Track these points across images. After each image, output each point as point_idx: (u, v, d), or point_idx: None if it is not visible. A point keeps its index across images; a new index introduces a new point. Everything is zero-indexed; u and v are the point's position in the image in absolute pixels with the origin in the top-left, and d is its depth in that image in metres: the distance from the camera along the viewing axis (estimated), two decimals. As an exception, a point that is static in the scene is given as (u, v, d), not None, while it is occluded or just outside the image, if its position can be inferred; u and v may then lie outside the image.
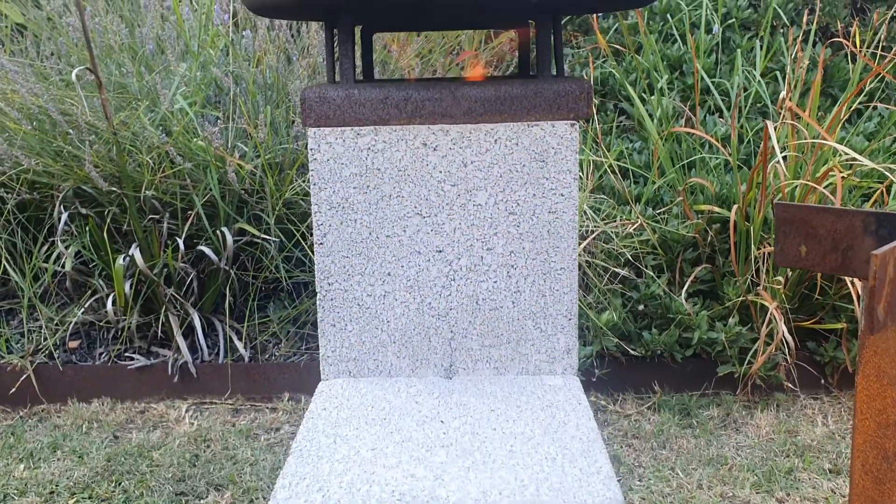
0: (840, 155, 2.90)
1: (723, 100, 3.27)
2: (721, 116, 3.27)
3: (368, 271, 1.38)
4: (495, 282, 1.38)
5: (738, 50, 3.27)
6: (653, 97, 3.21)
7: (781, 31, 3.42)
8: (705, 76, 3.25)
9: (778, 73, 3.28)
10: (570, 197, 1.36)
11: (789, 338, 2.51)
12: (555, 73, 1.44)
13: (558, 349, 1.39)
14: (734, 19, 3.44)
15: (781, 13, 3.40)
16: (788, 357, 2.59)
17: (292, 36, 3.13)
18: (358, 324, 1.39)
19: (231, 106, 2.84)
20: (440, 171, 1.36)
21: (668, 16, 3.46)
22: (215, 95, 2.95)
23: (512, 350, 1.38)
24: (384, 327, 1.39)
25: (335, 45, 1.36)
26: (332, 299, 1.39)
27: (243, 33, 2.98)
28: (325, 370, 1.40)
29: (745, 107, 3.22)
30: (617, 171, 3.03)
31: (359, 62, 2.72)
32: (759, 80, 3.16)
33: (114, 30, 2.94)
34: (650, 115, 3.16)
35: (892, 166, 2.88)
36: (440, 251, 1.37)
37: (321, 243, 1.38)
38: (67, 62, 2.96)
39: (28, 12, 3.17)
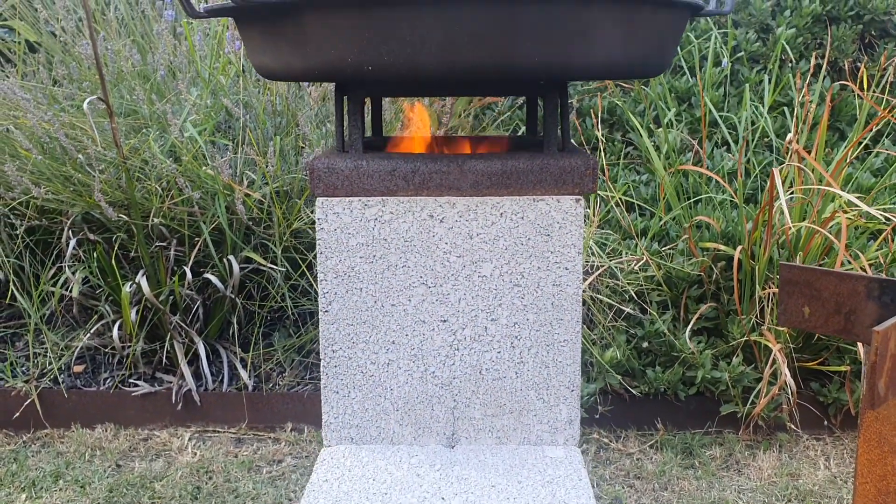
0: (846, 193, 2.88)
1: (730, 133, 3.24)
2: (729, 150, 3.24)
3: (373, 339, 1.36)
4: (499, 352, 1.36)
5: (747, 84, 3.24)
6: (660, 129, 3.19)
7: (790, 65, 3.39)
8: (713, 109, 3.23)
9: (786, 108, 3.25)
10: (574, 271, 1.34)
11: (791, 381, 2.48)
12: (562, 144, 1.42)
13: (560, 420, 1.37)
14: (743, 52, 3.41)
15: (788, 49, 3.37)
16: (791, 398, 2.56)
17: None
18: (361, 391, 1.37)
19: (240, 133, 2.82)
20: (446, 243, 1.34)
21: (678, 48, 3.43)
22: (225, 121, 2.93)
23: (514, 420, 1.36)
24: (387, 395, 1.37)
25: (345, 113, 1.34)
26: (336, 366, 1.37)
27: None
28: (328, 436, 1.38)
29: (753, 141, 3.19)
30: (623, 205, 3.01)
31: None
32: (765, 117, 3.13)
33: (126, 55, 2.92)
34: (657, 148, 3.13)
35: (894, 207, 2.85)
36: (445, 321, 1.35)
37: (326, 311, 1.35)
38: (79, 87, 2.94)
39: (42, 30, 3.15)
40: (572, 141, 1.42)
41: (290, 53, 1.25)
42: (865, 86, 3.12)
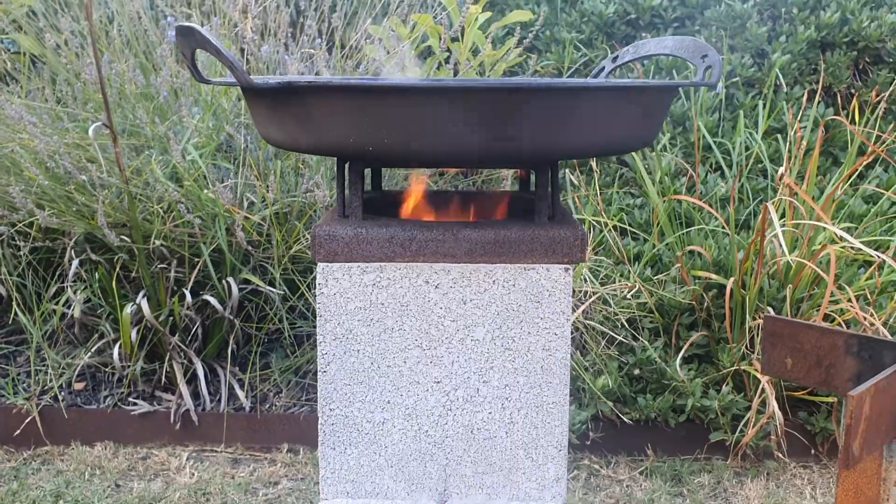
0: (837, 225, 2.92)
1: (724, 158, 3.29)
2: (723, 175, 3.28)
3: (369, 399, 1.41)
4: (490, 413, 1.41)
5: (741, 110, 3.28)
6: (653, 153, 3.23)
7: (785, 90, 3.44)
8: (707, 134, 3.27)
9: (780, 134, 3.29)
10: (563, 336, 1.38)
11: (779, 412, 2.53)
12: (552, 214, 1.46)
13: (548, 478, 1.42)
14: (738, 77, 3.45)
15: (781, 77, 3.41)
16: (779, 427, 2.61)
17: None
18: (357, 448, 1.42)
19: (241, 154, 2.86)
20: (441, 308, 1.38)
21: (674, 71, 3.47)
22: (227, 142, 2.97)
23: (504, 477, 1.41)
24: (382, 452, 1.42)
25: (346, 180, 1.39)
26: (333, 424, 1.42)
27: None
28: (325, 490, 1.43)
29: (747, 167, 3.23)
30: (616, 230, 3.05)
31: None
32: (759, 144, 3.17)
33: (130, 77, 2.96)
34: (650, 172, 3.18)
35: (883, 238, 2.90)
36: (438, 382, 1.40)
37: (325, 371, 1.40)
38: (83, 107, 2.98)
39: (45, 45, 3.18)
40: (564, 200, 1.47)
41: (294, 131, 1.29)
42: (857, 117, 3.16)
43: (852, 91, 3.55)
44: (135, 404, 2.78)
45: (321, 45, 3.11)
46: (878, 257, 2.53)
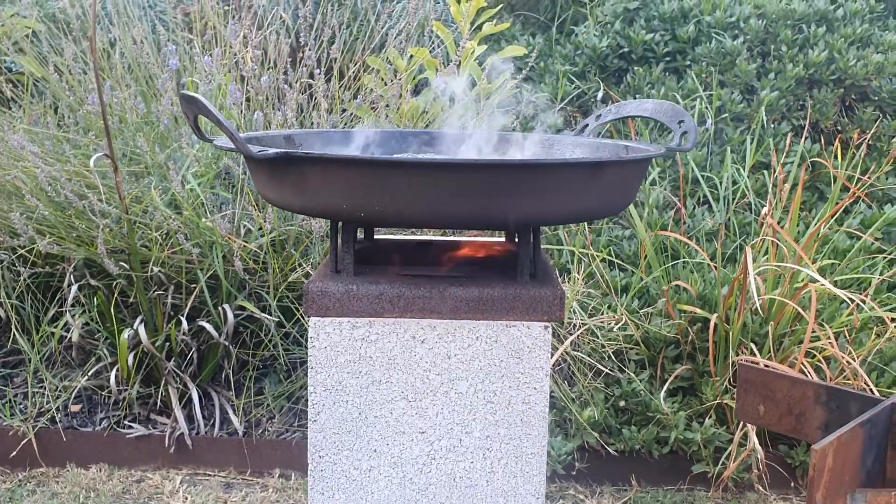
0: (821, 261, 2.99)
1: (712, 192, 3.36)
2: (710, 209, 3.36)
3: (357, 447, 1.47)
4: (472, 462, 1.48)
5: (728, 147, 3.36)
6: (642, 186, 3.30)
7: (773, 125, 3.51)
8: (695, 168, 3.34)
9: (766, 171, 3.37)
10: (542, 391, 1.46)
11: (759, 448, 2.60)
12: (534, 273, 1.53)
13: (527, 524, 1.49)
14: (728, 112, 3.53)
15: (764, 116, 3.49)
16: (760, 460, 2.68)
17: (300, 112, 3.22)
18: (345, 493, 1.48)
19: (239, 183, 2.92)
20: (426, 362, 1.45)
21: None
22: (225, 170, 3.04)
23: (485, 524, 1.48)
24: (369, 498, 1.49)
25: (339, 239, 1.46)
26: (322, 471, 1.49)
27: (254, 116, 3.06)
28: (313, 534, 1.50)
29: (734, 201, 3.31)
30: (605, 261, 3.12)
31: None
32: (745, 180, 3.24)
33: (131, 105, 3.02)
34: (639, 205, 3.25)
35: (865, 275, 2.97)
36: (423, 432, 1.47)
37: (315, 420, 1.47)
38: (85, 134, 3.04)
39: (48, 67, 3.24)
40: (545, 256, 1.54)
41: (291, 195, 1.37)
42: (840, 156, 3.24)
43: (839, 128, 3.63)
44: (130, 427, 2.84)
45: (320, 74, 3.17)
46: (854, 300, 2.60)
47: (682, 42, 3.70)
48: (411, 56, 3.28)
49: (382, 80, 3.28)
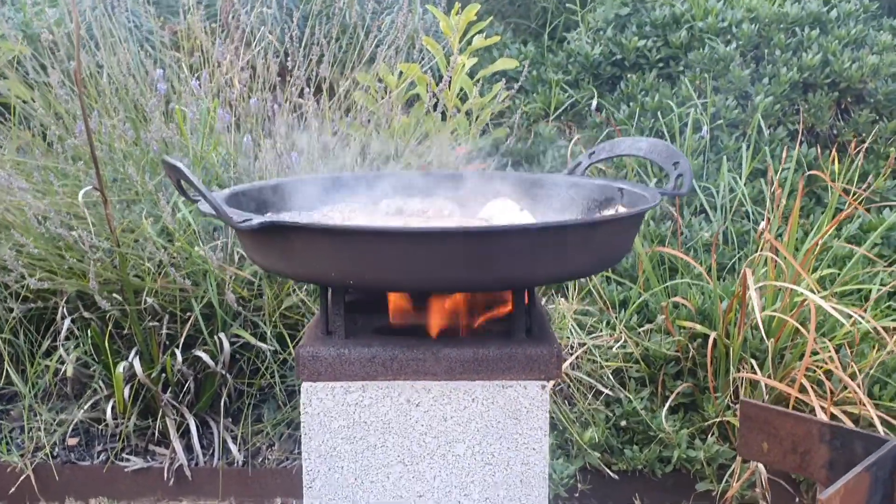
0: (821, 270, 2.97)
1: (709, 200, 3.33)
2: (707, 218, 3.33)
3: (353, 513, 1.46)
4: (472, 524, 1.46)
5: (724, 155, 3.33)
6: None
7: (768, 131, 3.48)
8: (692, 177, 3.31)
9: (762, 179, 3.34)
10: (541, 451, 1.43)
11: (764, 471, 2.58)
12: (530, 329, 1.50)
13: (530, 586, 1.47)
14: (722, 119, 3.50)
15: (762, 123, 3.46)
16: (764, 479, 2.66)
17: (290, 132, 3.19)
18: (343, 560, 1.46)
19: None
20: (422, 425, 1.43)
21: (659, 113, 3.51)
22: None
23: (487, 586, 1.45)
24: (368, 564, 1.47)
25: (328, 302, 1.44)
26: (319, 538, 1.47)
27: (244, 139, 3.03)
28: None
29: (731, 209, 3.28)
30: (601, 276, 3.10)
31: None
32: (742, 188, 3.22)
33: (119, 132, 2.99)
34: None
35: (865, 285, 2.94)
36: (421, 496, 1.44)
37: (310, 487, 1.45)
38: (74, 163, 3.00)
39: (33, 90, 3.19)
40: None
41: (277, 260, 1.34)
42: (837, 163, 3.21)
43: (834, 131, 3.61)
44: (128, 460, 2.82)
45: (310, 93, 3.14)
46: (853, 315, 2.58)
47: (674, 48, 3.67)
48: (401, 72, 3.24)
49: (373, 96, 3.25)
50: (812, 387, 2.59)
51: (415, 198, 1.75)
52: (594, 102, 3.65)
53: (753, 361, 2.70)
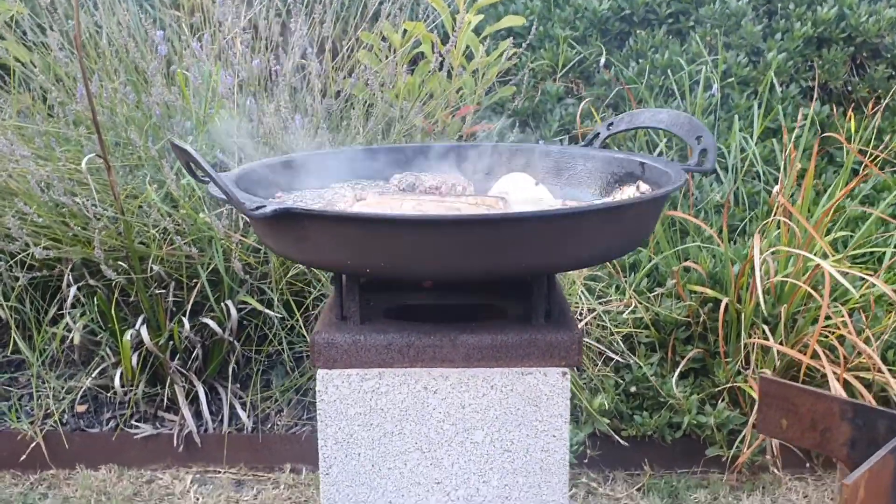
0: (834, 233, 2.93)
1: (720, 161, 3.28)
2: (718, 178, 3.29)
3: (370, 500, 1.43)
4: (491, 511, 1.44)
5: (737, 116, 3.27)
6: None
7: (780, 88, 3.42)
8: (703, 137, 3.25)
9: (775, 139, 3.29)
10: (562, 438, 1.41)
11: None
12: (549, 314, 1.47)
13: (549, 572, 1.45)
14: (734, 76, 3.43)
15: (776, 81, 3.39)
16: (775, 447, 2.65)
17: (294, 94, 3.13)
18: (360, 546, 1.45)
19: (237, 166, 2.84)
20: (440, 412, 1.40)
21: (669, 71, 3.45)
22: (221, 162, 2.96)
23: (505, 573, 1.44)
24: (385, 550, 1.45)
25: (343, 288, 1.40)
26: (336, 524, 1.45)
27: (246, 101, 2.98)
28: (329, 587, 1.46)
29: (742, 169, 3.23)
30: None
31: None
32: (753, 148, 3.17)
33: (121, 96, 2.93)
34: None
35: (878, 249, 2.91)
36: (439, 483, 1.42)
37: (327, 474, 1.43)
38: (77, 128, 2.95)
39: (32, 56, 3.13)
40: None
41: (292, 248, 1.30)
42: (853, 123, 3.15)
43: (848, 88, 3.54)
44: (138, 427, 2.81)
45: (312, 54, 3.08)
46: (867, 279, 2.55)
47: (684, 2, 3.59)
48: (406, 30, 3.18)
49: (377, 55, 3.19)
50: (825, 352, 2.57)
51: (426, 172, 1.71)
52: (602, 59, 3.58)
53: (765, 327, 2.67)
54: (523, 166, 1.75)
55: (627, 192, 1.54)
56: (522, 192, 1.65)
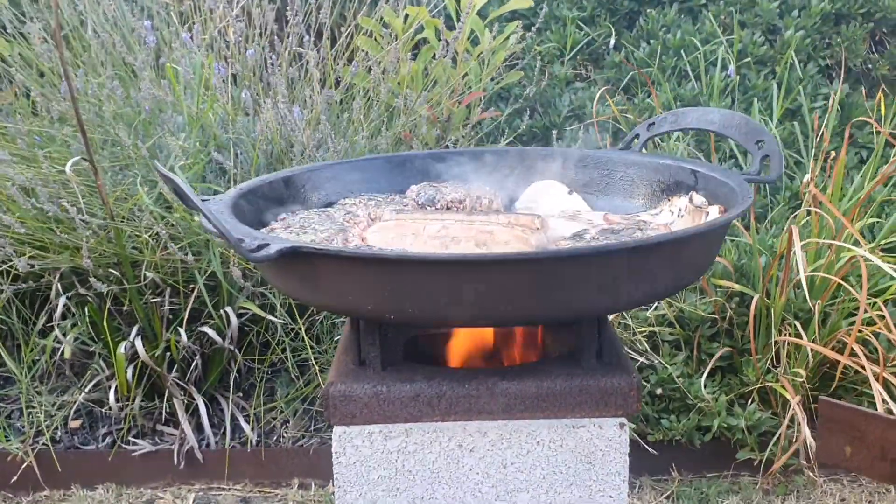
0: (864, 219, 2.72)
1: (739, 146, 3.06)
2: (737, 163, 3.07)
3: (398, 575, 1.23)
4: (538, 581, 1.23)
5: (755, 97, 3.05)
6: (665, 144, 3.00)
7: (799, 66, 3.19)
8: (720, 120, 3.03)
9: (797, 121, 3.06)
10: (619, 499, 1.20)
11: (812, 440, 2.36)
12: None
13: None
14: (750, 56, 3.20)
15: (795, 60, 3.16)
16: (811, 450, 2.45)
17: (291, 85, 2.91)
18: None
19: (233, 164, 2.62)
20: (477, 473, 1.19)
21: (683, 52, 3.22)
22: (216, 159, 2.73)
23: None
24: None
25: (361, 329, 1.18)
26: None
27: (242, 94, 2.75)
28: None
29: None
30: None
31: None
32: (774, 132, 2.94)
33: (108, 93, 2.69)
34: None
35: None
36: (477, 553, 1.22)
37: (347, 549, 1.22)
38: (61, 127, 2.72)
39: (13, 49, 2.89)
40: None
41: (300, 289, 1.09)
42: (883, 107, 2.92)
43: (868, 65, 3.32)
44: (135, 443, 2.60)
45: (310, 41, 2.85)
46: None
47: (698, -21, 3.35)
48: (408, 15, 2.94)
49: (377, 42, 2.95)
50: (862, 350, 2.36)
51: (445, 183, 1.48)
52: (612, 41, 3.35)
53: (797, 324, 2.46)
54: (553, 173, 1.53)
55: (678, 205, 1.32)
56: (554, 201, 1.43)
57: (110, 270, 2.50)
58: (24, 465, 2.55)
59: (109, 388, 2.57)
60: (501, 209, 1.43)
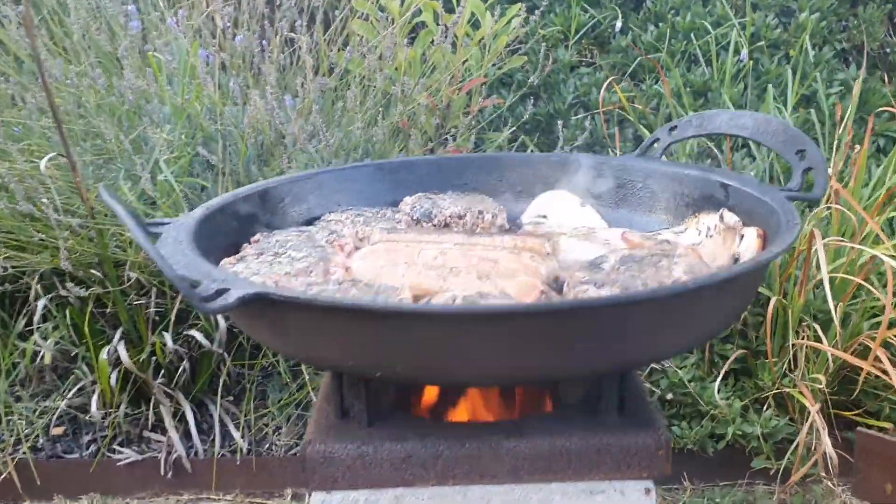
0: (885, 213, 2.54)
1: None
2: (749, 152, 2.88)
3: None
4: None
5: (768, 83, 2.85)
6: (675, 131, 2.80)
7: (813, 51, 3.00)
8: (731, 107, 2.85)
9: (813, 110, 2.87)
10: (648, 573, 1.03)
11: (832, 451, 2.19)
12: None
13: None
14: (763, 40, 3.01)
15: (808, 40, 2.96)
16: (830, 459, 2.28)
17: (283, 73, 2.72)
18: None
19: (221, 158, 2.44)
20: (481, 545, 1.02)
21: (693, 35, 3.02)
22: (204, 146, 2.54)
23: None
24: None
25: (343, 386, 1.00)
26: None
27: (231, 84, 2.56)
28: None
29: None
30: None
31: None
32: (788, 120, 2.75)
33: (90, 82, 2.50)
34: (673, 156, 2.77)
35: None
36: None
37: None
38: (41, 116, 2.53)
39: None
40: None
41: (270, 338, 0.91)
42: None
43: (886, 49, 3.12)
44: (121, 451, 2.43)
45: (302, 26, 2.65)
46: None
47: (707, -41, 3.15)
48: (404, -3, 2.75)
49: (373, 26, 2.76)
50: (886, 355, 2.19)
51: (443, 194, 1.30)
52: (618, 23, 3.15)
53: (816, 326, 2.28)
54: (562, 181, 1.34)
55: (706, 222, 1.14)
56: (565, 215, 1.24)
57: (92, 271, 2.32)
58: (2, 476, 2.38)
59: (93, 393, 2.40)
60: (506, 225, 1.25)
